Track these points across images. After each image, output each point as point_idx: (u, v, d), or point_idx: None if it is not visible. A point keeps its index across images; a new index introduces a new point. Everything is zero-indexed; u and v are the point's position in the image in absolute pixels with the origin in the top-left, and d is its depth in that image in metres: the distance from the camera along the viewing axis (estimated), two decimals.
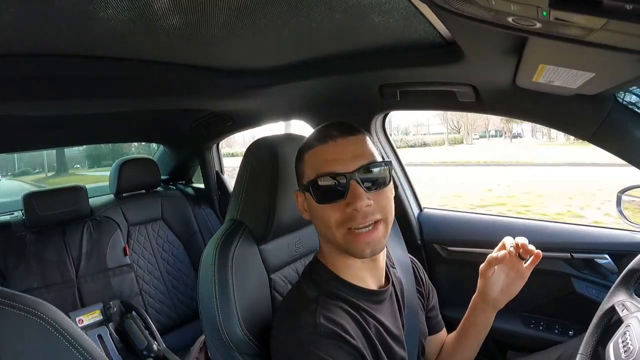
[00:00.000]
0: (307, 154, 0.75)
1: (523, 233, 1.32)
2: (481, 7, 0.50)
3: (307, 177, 0.74)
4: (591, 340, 0.79)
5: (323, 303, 0.72)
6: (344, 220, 0.71)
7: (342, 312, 0.72)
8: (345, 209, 0.70)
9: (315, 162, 0.73)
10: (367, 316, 0.76)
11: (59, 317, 0.64)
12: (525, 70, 0.80)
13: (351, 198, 0.69)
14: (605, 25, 0.44)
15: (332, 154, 0.72)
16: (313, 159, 0.74)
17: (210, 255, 0.87)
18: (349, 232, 0.71)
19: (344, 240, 0.72)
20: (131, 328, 1.70)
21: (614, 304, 0.79)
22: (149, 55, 1.04)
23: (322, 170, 0.71)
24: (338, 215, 0.71)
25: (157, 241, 2.16)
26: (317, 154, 0.73)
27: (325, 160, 0.72)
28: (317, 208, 0.73)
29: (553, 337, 1.23)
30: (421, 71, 1.05)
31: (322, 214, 0.72)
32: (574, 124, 0.98)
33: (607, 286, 0.86)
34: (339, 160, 0.71)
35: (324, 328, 0.67)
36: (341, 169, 0.70)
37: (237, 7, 0.72)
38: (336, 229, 0.71)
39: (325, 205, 0.71)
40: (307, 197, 0.75)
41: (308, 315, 0.69)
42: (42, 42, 0.84)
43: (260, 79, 1.31)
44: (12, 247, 1.77)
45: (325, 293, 0.75)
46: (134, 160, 2.17)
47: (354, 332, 0.70)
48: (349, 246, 0.72)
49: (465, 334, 0.95)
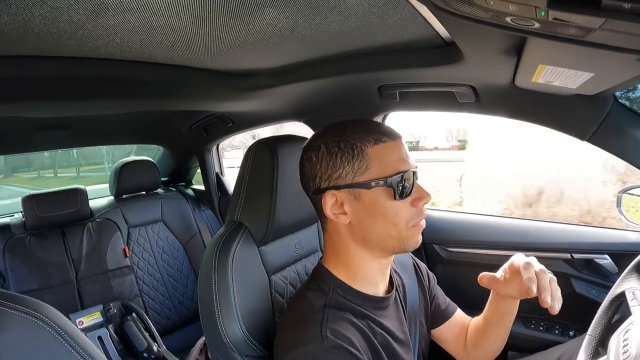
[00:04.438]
0: (373, 148, 0.71)
1: (523, 233, 1.34)
2: (479, 8, 0.50)
3: (378, 172, 0.71)
4: (600, 323, 0.80)
5: (330, 314, 0.71)
6: (413, 215, 0.73)
7: (348, 325, 0.71)
8: (409, 206, 0.72)
9: (391, 158, 0.71)
10: (374, 324, 0.76)
11: (59, 318, 0.64)
12: (524, 70, 0.80)
13: (421, 192, 0.73)
14: (604, 25, 0.44)
15: (402, 151, 0.73)
16: (386, 154, 0.72)
17: (211, 257, 0.87)
18: (413, 227, 0.73)
19: (407, 235, 0.73)
20: (131, 330, 1.70)
21: (624, 290, 0.78)
22: (149, 57, 1.04)
23: (401, 166, 0.71)
24: (408, 211, 0.72)
25: (157, 243, 2.16)
26: (391, 150, 0.72)
27: (400, 158, 0.72)
28: (391, 205, 0.71)
29: (553, 338, 1.23)
30: (420, 72, 1.05)
31: (396, 210, 0.71)
32: (574, 124, 0.98)
33: (608, 286, 0.86)
34: (407, 159, 0.73)
35: (331, 342, 0.66)
36: (411, 167, 0.73)
37: (236, 8, 0.72)
38: (405, 224, 0.72)
39: (399, 201, 0.71)
40: (376, 193, 0.71)
41: (315, 327, 0.69)
42: (41, 43, 0.84)
43: (260, 81, 1.31)
44: (12, 248, 1.77)
45: (332, 303, 0.74)
46: (134, 162, 2.16)
47: (361, 344, 0.70)
48: (409, 240, 0.74)
49: (490, 323, 0.93)
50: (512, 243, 1.32)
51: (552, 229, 1.32)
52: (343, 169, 0.71)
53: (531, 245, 1.29)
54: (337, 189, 0.72)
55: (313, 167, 0.74)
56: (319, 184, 0.74)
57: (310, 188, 0.76)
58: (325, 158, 0.72)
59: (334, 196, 0.73)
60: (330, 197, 0.73)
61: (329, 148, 0.72)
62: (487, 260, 1.36)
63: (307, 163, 0.76)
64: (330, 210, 0.73)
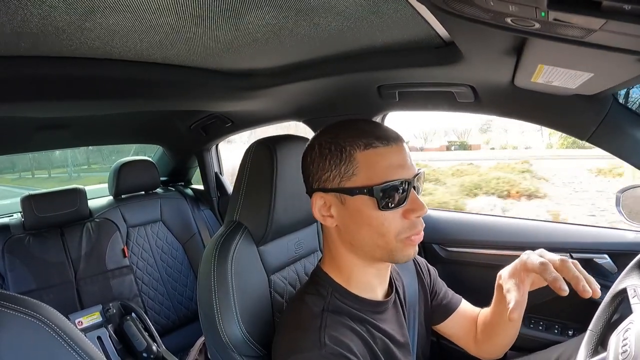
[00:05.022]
0: (362, 153, 0.68)
1: (522, 233, 1.34)
2: (479, 8, 0.50)
3: (365, 179, 0.67)
4: (601, 319, 0.79)
5: (328, 320, 0.70)
6: (405, 228, 0.69)
7: (347, 330, 0.71)
8: (401, 217, 0.68)
9: (380, 165, 0.67)
10: (373, 329, 0.75)
11: (58, 319, 0.64)
12: (524, 70, 0.80)
13: (414, 204, 0.68)
14: (604, 26, 0.44)
15: (398, 158, 0.69)
16: (375, 160, 0.68)
17: (210, 257, 0.87)
18: (405, 239, 0.69)
19: (396, 247, 0.69)
20: (130, 330, 1.69)
21: (626, 287, 0.78)
22: (148, 57, 1.03)
23: (390, 175, 0.67)
24: (398, 223, 0.68)
25: (156, 243, 2.16)
26: (381, 156, 0.68)
27: (392, 165, 0.68)
28: (376, 215, 0.67)
29: (552, 337, 1.23)
30: (420, 72, 1.05)
31: (382, 220, 0.68)
32: (573, 124, 0.98)
33: (607, 286, 0.86)
34: (403, 167, 0.68)
35: (329, 349, 0.65)
36: (405, 175, 0.68)
37: (235, 8, 0.72)
38: (395, 237, 0.69)
39: (386, 212, 0.67)
40: (359, 201, 0.68)
41: (313, 333, 0.68)
42: (40, 43, 0.84)
43: (259, 81, 1.31)
44: (11, 249, 1.77)
45: (331, 307, 0.73)
46: (133, 162, 2.16)
47: (360, 350, 0.69)
48: (398, 253, 0.70)
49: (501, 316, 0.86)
50: (512, 243, 1.32)
51: (551, 229, 1.32)
52: (331, 172, 0.70)
53: (530, 245, 1.27)
54: (325, 191, 0.71)
55: (307, 167, 0.74)
56: (311, 183, 0.74)
57: (306, 186, 0.77)
58: (317, 159, 0.72)
59: (322, 198, 0.72)
60: (319, 198, 0.72)
61: (322, 149, 0.71)
62: (487, 260, 1.36)
63: (304, 162, 0.76)
64: (318, 212, 0.73)
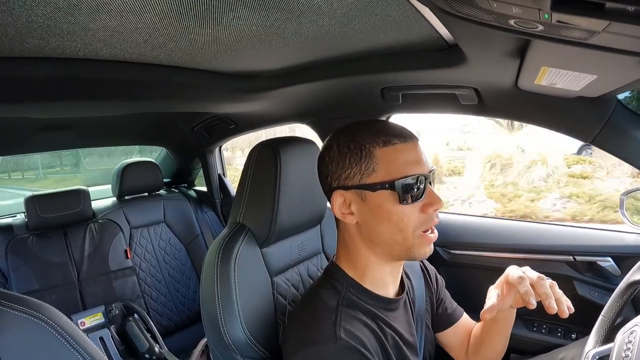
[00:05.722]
0: (382, 150, 0.71)
1: (526, 236, 1.33)
2: (483, 10, 0.50)
3: (385, 175, 0.70)
4: (614, 306, 0.78)
5: (343, 314, 0.71)
6: (422, 222, 0.71)
7: (361, 325, 0.72)
8: (419, 211, 0.71)
9: (399, 161, 0.70)
10: (385, 326, 0.76)
11: (61, 319, 0.65)
12: (527, 72, 0.80)
13: (432, 198, 0.71)
14: (607, 28, 0.44)
15: (415, 154, 0.72)
16: (394, 156, 0.70)
17: (213, 258, 0.87)
18: (422, 235, 0.72)
19: (414, 243, 0.72)
20: (133, 331, 1.70)
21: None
22: (152, 59, 1.04)
23: (409, 170, 0.70)
24: (416, 218, 0.71)
25: (159, 244, 2.16)
26: (400, 152, 0.71)
27: (409, 161, 0.71)
28: (396, 210, 0.70)
29: (555, 340, 1.22)
30: (423, 74, 1.05)
31: (402, 215, 0.70)
32: (577, 126, 0.98)
33: (610, 289, 0.86)
34: (420, 163, 0.72)
35: (344, 343, 0.66)
36: (422, 170, 0.71)
37: (239, 10, 0.73)
38: (412, 232, 0.71)
39: (406, 206, 0.70)
40: (381, 196, 0.70)
41: (328, 327, 0.69)
42: (44, 44, 0.84)
43: (263, 83, 1.32)
44: (14, 249, 1.78)
45: (345, 302, 0.74)
46: (137, 163, 2.17)
47: (372, 345, 0.70)
48: (416, 249, 0.72)
49: (489, 330, 0.91)
50: (515, 245, 1.32)
51: (554, 232, 1.31)
52: (351, 169, 0.72)
53: (533, 248, 1.29)
54: (345, 189, 0.73)
55: (326, 167, 0.76)
56: (330, 183, 0.76)
57: (324, 187, 0.79)
58: (335, 158, 0.74)
59: (342, 196, 0.74)
60: (339, 196, 0.74)
61: (340, 148, 0.73)
62: (490, 263, 1.35)
63: (321, 162, 0.78)
64: (339, 209, 0.74)
